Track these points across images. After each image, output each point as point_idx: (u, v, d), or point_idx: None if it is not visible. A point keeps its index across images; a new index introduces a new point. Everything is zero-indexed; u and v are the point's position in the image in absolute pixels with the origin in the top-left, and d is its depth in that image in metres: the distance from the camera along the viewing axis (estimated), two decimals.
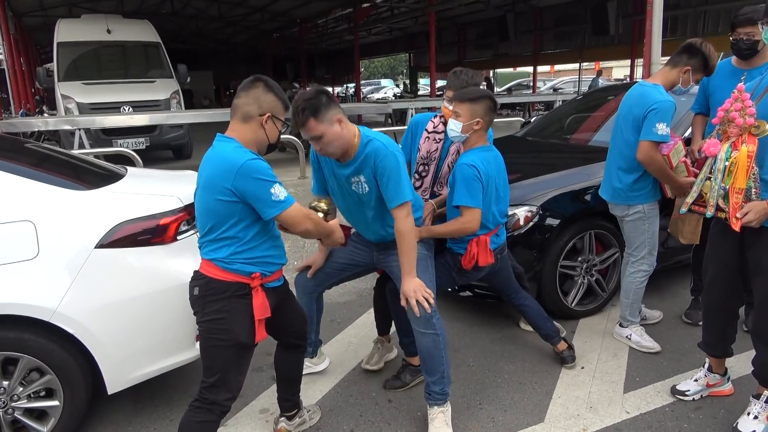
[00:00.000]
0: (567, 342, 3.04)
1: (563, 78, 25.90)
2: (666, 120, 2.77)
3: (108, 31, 10.56)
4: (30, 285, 2.16)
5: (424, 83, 32.40)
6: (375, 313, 3.05)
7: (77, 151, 6.70)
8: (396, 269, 2.42)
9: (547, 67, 29.96)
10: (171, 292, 2.35)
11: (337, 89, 38.63)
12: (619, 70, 28.12)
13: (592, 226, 3.43)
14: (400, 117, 11.85)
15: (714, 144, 2.26)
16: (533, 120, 6.15)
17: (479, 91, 2.60)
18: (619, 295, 3.28)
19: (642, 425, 2.52)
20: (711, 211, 2.28)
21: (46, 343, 2.21)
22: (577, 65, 21.34)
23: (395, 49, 33.66)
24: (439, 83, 18.38)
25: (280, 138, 2.10)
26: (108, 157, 6.18)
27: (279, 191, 1.93)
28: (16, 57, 15.03)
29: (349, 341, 3.36)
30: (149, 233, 2.38)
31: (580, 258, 3.44)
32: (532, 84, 23.15)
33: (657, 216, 3.05)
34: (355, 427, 2.55)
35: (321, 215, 2.19)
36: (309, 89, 2.28)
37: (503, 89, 22.89)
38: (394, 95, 27.72)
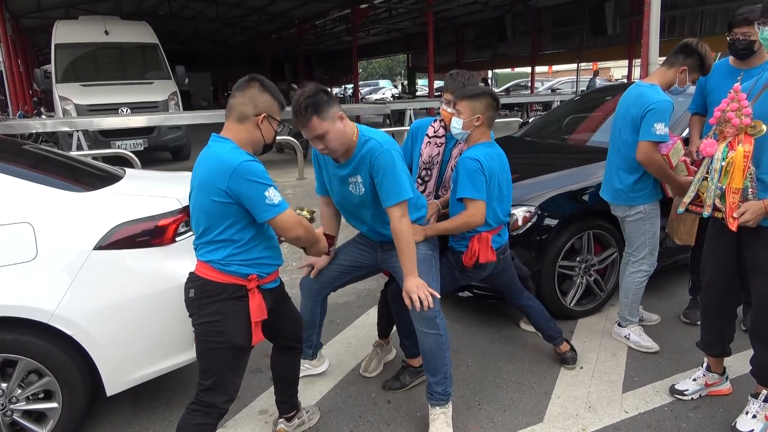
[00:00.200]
0: (569, 343, 3.05)
1: (561, 78, 25.95)
2: (664, 120, 2.78)
3: (106, 33, 10.55)
4: (28, 287, 2.15)
5: (422, 84, 32.41)
6: (378, 316, 3.04)
7: (75, 153, 6.70)
8: (399, 269, 2.40)
9: (545, 68, 30.01)
10: (170, 293, 2.34)
11: (336, 90, 38.68)
12: (619, 70, 28.16)
13: (590, 226, 3.43)
14: (398, 118, 11.85)
15: (711, 144, 2.27)
16: (531, 120, 6.16)
17: (479, 89, 2.61)
18: (618, 295, 3.29)
19: (641, 425, 2.53)
20: (708, 211, 2.28)
21: (44, 345, 2.21)
22: (575, 66, 21.39)
23: (393, 50, 33.72)
24: (437, 84, 18.37)
25: (276, 138, 2.09)
26: (106, 159, 6.18)
27: (273, 195, 1.89)
28: (13, 59, 15.03)
29: (348, 342, 3.37)
30: (148, 234, 2.38)
31: (578, 258, 3.45)
32: (530, 84, 23.19)
33: (658, 216, 3.06)
34: (354, 428, 2.55)
35: None
36: (307, 87, 2.23)
37: (501, 90, 22.91)
38: (392, 96, 27.77)
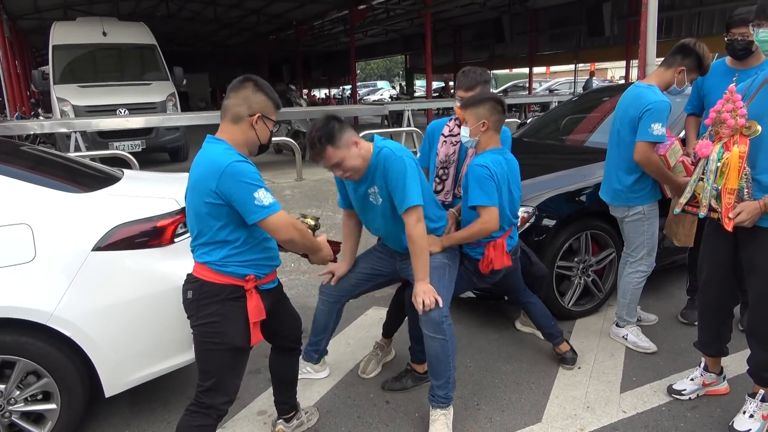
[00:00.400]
0: (569, 343, 3.05)
1: (559, 79, 26.00)
2: (661, 120, 2.79)
3: (104, 34, 10.55)
4: (27, 288, 2.15)
5: (420, 85, 32.45)
6: (387, 315, 3.06)
7: (73, 154, 6.69)
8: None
9: (543, 69, 30.06)
10: (168, 294, 2.34)
11: (334, 91, 38.69)
12: (618, 71, 28.22)
13: (588, 226, 3.44)
14: (396, 119, 11.84)
15: (706, 145, 2.27)
16: (529, 121, 6.17)
17: (481, 95, 2.63)
18: (616, 295, 3.30)
19: (639, 425, 2.53)
20: (704, 212, 2.29)
21: (43, 347, 2.20)
22: (573, 66, 21.42)
23: (391, 51, 33.73)
24: (435, 84, 18.38)
25: (271, 138, 2.09)
26: (104, 160, 6.18)
27: (263, 196, 1.86)
28: (11, 60, 15.00)
29: (347, 342, 3.37)
30: (146, 235, 2.38)
31: (576, 258, 3.46)
32: (528, 85, 23.22)
33: (657, 217, 3.06)
34: (353, 429, 2.55)
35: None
36: (318, 119, 2.33)
37: (499, 90, 22.94)
38: (390, 97, 27.77)
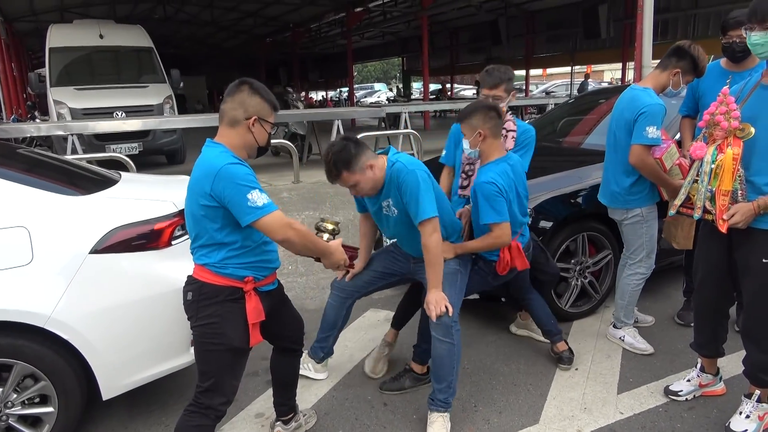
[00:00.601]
0: (567, 343, 3.06)
1: (555, 81, 26.08)
2: (656, 123, 2.79)
3: (100, 36, 10.52)
4: (24, 291, 2.15)
5: (417, 87, 32.47)
6: (397, 309, 3.10)
7: (70, 157, 6.67)
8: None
9: (540, 71, 30.14)
10: (166, 297, 2.35)
11: (331, 93, 38.70)
12: (616, 73, 28.31)
13: (584, 228, 3.45)
14: (393, 121, 11.83)
15: (700, 147, 2.29)
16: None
17: (471, 106, 2.68)
18: (614, 297, 3.31)
19: (636, 426, 2.54)
20: (698, 213, 2.31)
21: (40, 350, 2.20)
22: (569, 68, 21.48)
23: (388, 54, 33.80)
24: (432, 87, 18.40)
25: (270, 140, 2.10)
26: (101, 163, 6.16)
27: (257, 197, 1.86)
28: (7, 62, 14.99)
29: (345, 344, 3.36)
30: (144, 238, 2.38)
31: (573, 260, 3.47)
32: (524, 87, 23.27)
33: (655, 219, 3.07)
34: (351, 431, 2.56)
35: (326, 236, 2.22)
36: (335, 141, 2.39)
37: None
38: (387, 99, 27.81)
